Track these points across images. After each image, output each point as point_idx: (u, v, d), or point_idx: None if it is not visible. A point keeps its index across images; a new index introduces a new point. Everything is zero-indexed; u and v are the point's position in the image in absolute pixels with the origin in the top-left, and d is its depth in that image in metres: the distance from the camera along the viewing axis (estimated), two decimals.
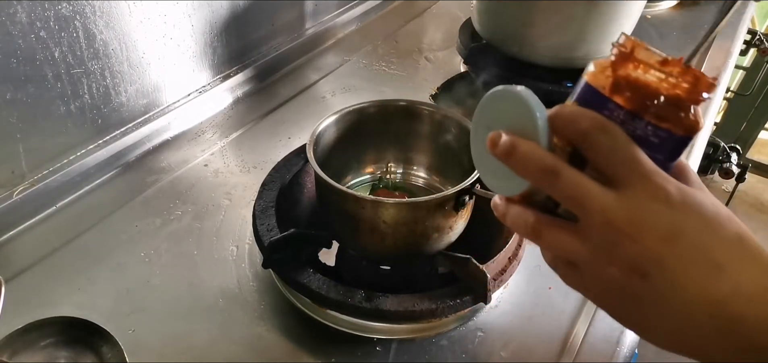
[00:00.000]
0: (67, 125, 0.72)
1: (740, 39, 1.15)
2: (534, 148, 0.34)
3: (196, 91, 0.89)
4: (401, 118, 0.68)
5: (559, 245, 0.35)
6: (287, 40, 1.03)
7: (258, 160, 0.82)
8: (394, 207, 0.55)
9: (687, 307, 0.32)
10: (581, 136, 0.33)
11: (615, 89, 0.33)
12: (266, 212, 0.64)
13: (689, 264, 0.31)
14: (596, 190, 0.32)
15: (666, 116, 0.33)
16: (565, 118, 0.34)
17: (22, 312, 0.56)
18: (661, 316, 0.33)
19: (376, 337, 0.58)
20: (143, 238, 0.68)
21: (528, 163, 0.34)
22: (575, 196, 0.33)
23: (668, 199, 0.32)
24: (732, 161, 1.74)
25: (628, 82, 0.33)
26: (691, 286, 0.32)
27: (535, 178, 0.34)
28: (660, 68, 0.33)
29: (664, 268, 0.32)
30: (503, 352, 0.57)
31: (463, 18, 1.08)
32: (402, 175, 0.71)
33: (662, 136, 0.33)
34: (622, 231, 0.32)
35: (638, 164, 0.32)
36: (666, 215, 0.32)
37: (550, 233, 0.35)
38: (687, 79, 0.33)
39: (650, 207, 0.32)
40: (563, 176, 0.33)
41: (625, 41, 0.34)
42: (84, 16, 0.69)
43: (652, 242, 0.31)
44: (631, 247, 0.32)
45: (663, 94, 0.32)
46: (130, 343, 0.54)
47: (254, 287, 0.63)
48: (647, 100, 0.32)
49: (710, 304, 0.31)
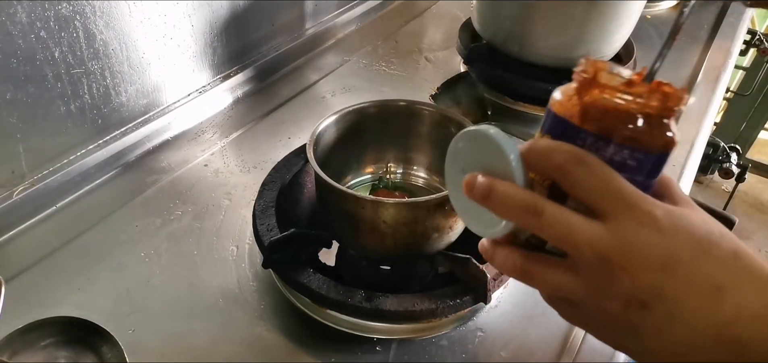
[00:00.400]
0: (67, 125, 0.72)
1: (740, 39, 1.15)
2: (511, 188, 0.33)
3: (196, 91, 0.89)
4: (401, 118, 0.68)
5: (551, 284, 0.34)
6: (287, 40, 1.03)
7: (258, 160, 0.82)
8: (394, 207, 0.55)
9: (690, 333, 0.31)
10: (557, 170, 0.32)
11: (584, 117, 0.32)
12: (266, 212, 0.64)
13: (688, 290, 0.31)
14: (582, 224, 0.31)
15: (640, 137, 0.32)
16: (538, 153, 0.33)
17: (22, 312, 0.56)
18: (664, 344, 0.32)
19: (376, 337, 0.58)
20: (143, 238, 0.68)
21: (507, 204, 0.33)
22: (561, 234, 0.32)
23: (657, 224, 0.31)
24: (732, 161, 1.74)
25: (597, 108, 0.32)
26: (693, 313, 0.31)
27: (516, 219, 0.33)
28: (626, 89, 0.32)
29: (663, 298, 0.31)
30: (503, 352, 0.57)
31: (463, 18, 1.08)
32: (402, 175, 0.71)
33: (639, 158, 0.32)
34: (614, 264, 0.31)
35: (620, 192, 0.31)
36: (657, 242, 0.31)
37: (541, 273, 0.34)
38: (656, 97, 0.32)
39: (640, 235, 0.31)
40: (546, 214, 0.32)
41: (586, 66, 0.33)
42: (84, 16, 0.69)
43: (647, 273, 0.31)
44: (626, 279, 0.31)
45: (634, 116, 0.31)
46: (130, 343, 0.54)
47: (254, 287, 0.63)
48: (618, 124, 0.32)
49: (714, 329, 0.30)
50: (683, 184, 0.78)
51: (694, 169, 0.82)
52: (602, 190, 0.31)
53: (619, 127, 0.31)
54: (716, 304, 0.30)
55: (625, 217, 0.31)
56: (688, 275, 0.31)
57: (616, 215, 0.31)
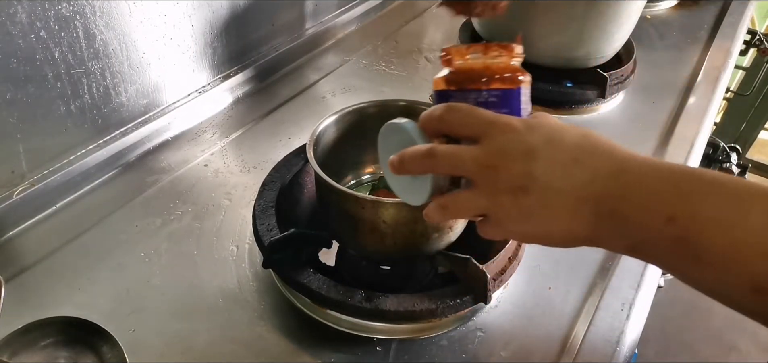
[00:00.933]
0: (67, 125, 0.72)
1: (740, 39, 1.15)
2: (414, 149, 0.43)
3: (196, 91, 0.89)
4: None
5: (463, 207, 0.43)
6: (287, 40, 1.03)
7: (258, 160, 0.82)
8: (394, 207, 0.55)
9: (564, 200, 0.39)
10: (439, 122, 0.43)
11: (450, 83, 0.45)
12: (266, 212, 0.64)
13: (551, 168, 0.39)
14: (465, 150, 0.41)
15: (489, 82, 0.44)
16: (425, 118, 0.43)
17: (22, 312, 0.56)
18: (553, 219, 0.40)
19: (376, 337, 0.58)
20: (143, 238, 0.68)
21: (412, 160, 0.43)
22: (452, 163, 0.41)
23: (514, 129, 0.40)
24: (732, 161, 1.74)
25: (456, 73, 0.45)
26: (560, 183, 0.39)
27: (420, 167, 0.43)
28: (472, 52, 0.44)
29: (535, 177, 0.39)
30: (503, 352, 0.57)
31: (463, 18, 1.08)
32: None
33: (497, 94, 0.43)
34: (492, 166, 0.40)
35: (484, 117, 0.41)
36: (518, 139, 0.40)
37: (454, 203, 0.43)
38: (495, 50, 0.44)
39: (505, 140, 0.40)
40: (438, 152, 0.42)
41: (445, 50, 0.45)
42: (84, 16, 0.69)
43: (515, 163, 0.39)
44: (504, 173, 0.40)
45: (481, 68, 0.44)
46: (130, 343, 0.54)
47: (254, 287, 0.63)
48: (473, 76, 0.44)
49: (577, 191, 0.39)
50: None
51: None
52: (471, 121, 0.41)
53: (473, 77, 0.44)
54: (576, 170, 0.39)
55: (492, 133, 0.40)
56: (548, 157, 0.39)
57: (485, 133, 0.40)
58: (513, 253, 0.60)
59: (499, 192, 0.40)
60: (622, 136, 0.89)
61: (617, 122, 0.92)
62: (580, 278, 0.65)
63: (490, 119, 0.41)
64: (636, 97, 0.97)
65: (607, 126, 0.91)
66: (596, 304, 0.60)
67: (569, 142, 0.40)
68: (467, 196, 0.42)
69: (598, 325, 0.58)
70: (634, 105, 0.96)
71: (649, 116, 0.93)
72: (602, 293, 0.61)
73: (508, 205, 0.40)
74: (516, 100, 0.44)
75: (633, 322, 0.59)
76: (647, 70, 1.00)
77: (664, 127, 0.90)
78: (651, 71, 1.02)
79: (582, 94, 0.91)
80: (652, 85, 1.00)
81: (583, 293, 0.63)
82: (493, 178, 0.40)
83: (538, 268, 0.65)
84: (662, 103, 0.96)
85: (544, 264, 0.66)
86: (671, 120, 0.92)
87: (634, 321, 0.59)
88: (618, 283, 0.62)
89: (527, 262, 0.64)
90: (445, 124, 0.42)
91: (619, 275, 0.63)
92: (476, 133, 0.41)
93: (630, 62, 0.96)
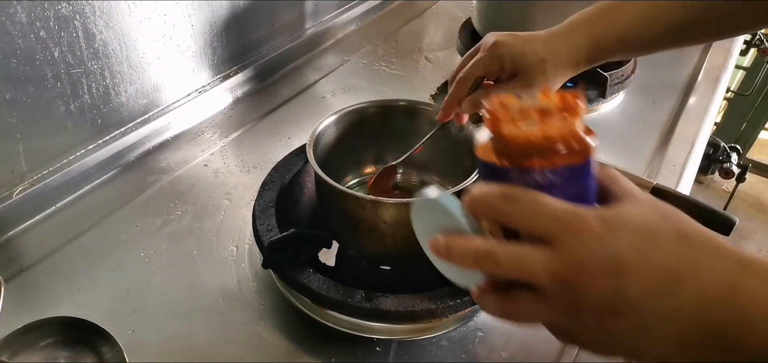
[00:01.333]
0: (67, 125, 0.72)
1: (740, 39, 1.15)
2: (465, 240, 0.35)
3: (196, 91, 0.89)
4: (401, 118, 0.68)
5: (531, 318, 0.36)
6: (287, 40, 1.03)
7: (258, 160, 0.82)
8: (394, 207, 0.55)
9: (666, 327, 0.32)
10: (494, 212, 0.34)
11: (500, 155, 0.34)
12: (266, 212, 0.64)
13: (646, 285, 0.31)
14: (532, 255, 0.33)
15: (552, 157, 0.33)
16: (475, 202, 0.35)
17: (22, 312, 0.56)
18: (651, 344, 0.33)
19: (376, 337, 0.58)
20: (143, 238, 0.68)
21: (466, 255, 0.35)
22: (517, 269, 0.33)
23: (593, 232, 0.32)
24: (732, 161, 1.74)
25: (506, 143, 0.33)
26: (660, 305, 0.31)
27: (476, 266, 0.35)
28: (525, 116, 0.33)
29: (626, 299, 0.31)
30: (503, 352, 0.57)
31: (463, 18, 1.08)
32: (402, 175, 0.71)
33: (562, 174, 0.33)
34: (571, 282, 0.32)
35: (553, 214, 0.32)
36: (599, 249, 0.32)
37: (519, 311, 0.35)
38: (553, 116, 0.33)
39: (582, 247, 0.32)
40: (499, 255, 0.33)
41: (488, 104, 0.34)
42: (84, 16, 0.69)
43: (600, 280, 0.32)
44: (586, 293, 0.32)
45: (539, 140, 0.33)
46: (130, 343, 0.54)
47: (254, 287, 0.63)
48: (529, 151, 0.33)
49: (683, 316, 0.31)
50: (683, 184, 0.78)
51: (694, 169, 0.82)
52: (536, 218, 0.33)
53: (531, 150, 0.33)
54: (679, 289, 0.31)
55: (565, 236, 0.32)
56: (640, 270, 0.31)
57: (556, 236, 0.32)
58: None
59: (580, 312, 0.33)
60: (622, 136, 0.89)
61: (617, 122, 0.92)
62: None
63: (560, 216, 0.32)
64: (636, 97, 0.97)
65: (607, 126, 0.91)
66: None
67: (664, 249, 0.32)
68: (538, 308, 0.34)
69: None
70: (634, 105, 0.96)
71: (649, 116, 0.93)
72: None
73: (593, 328, 0.33)
74: (586, 175, 0.34)
75: None
76: (647, 70, 1.00)
77: (664, 127, 0.90)
78: (651, 71, 1.02)
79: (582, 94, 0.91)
80: (652, 85, 1.00)
81: None
82: (572, 295, 0.32)
83: None
84: (662, 103, 0.96)
85: None
86: (671, 120, 0.92)
87: None
88: None
89: None
90: (502, 216, 0.34)
91: None
92: (544, 233, 0.33)
93: (630, 62, 0.96)
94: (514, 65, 0.59)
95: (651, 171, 0.80)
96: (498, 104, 0.34)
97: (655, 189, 0.73)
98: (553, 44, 0.59)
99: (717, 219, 0.68)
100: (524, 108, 0.34)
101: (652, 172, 0.80)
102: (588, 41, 0.59)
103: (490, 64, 0.60)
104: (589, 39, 0.59)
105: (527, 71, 0.59)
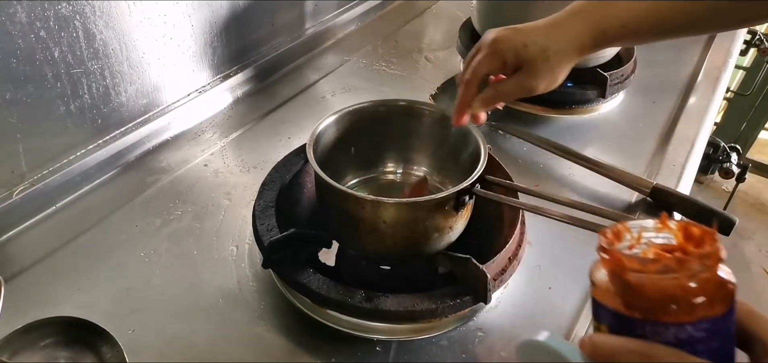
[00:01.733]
0: (67, 125, 0.72)
1: (740, 39, 1.15)
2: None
3: (196, 91, 0.89)
4: (401, 118, 0.68)
5: None
6: (287, 40, 1.03)
7: (258, 160, 0.82)
8: (394, 207, 0.55)
9: None
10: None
11: (629, 305, 0.30)
12: (266, 212, 0.64)
13: None
14: None
15: (692, 309, 0.29)
16: (605, 356, 0.31)
17: (22, 312, 0.56)
18: None
19: (376, 337, 0.58)
20: (143, 238, 0.68)
21: None
22: None
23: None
24: (732, 161, 1.74)
25: (635, 293, 0.29)
26: None
27: None
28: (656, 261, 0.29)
29: None
30: (503, 352, 0.57)
31: (463, 18, 1.08)
32: (402, 175, 0.71)
33: (704, 328, 0.29)
34: None
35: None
36: None
37: None
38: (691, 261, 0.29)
39: None
40: None
41: (603, 240, 0.31)
42: (84, 16, 0.69)
43: None
44: None
45: (676, 290, 0.28)
46: (130, 343, 0.54)
47: (254, 287, 0.63)
48: (664, 303, 0.29)
49: None
50: (683, 184, 0.78)
51: (694, 169, 0.82)
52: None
53: (668, 306, 0.29)
54: None
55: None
56: None
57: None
58: (513, 253, 0.60)
59: None
60: (622, 136, 0.89)
61: (617, 122, 0.92)
62: (580, 278, 0.65)
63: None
64: (636, 97, 0.97)
65: (607, 126, 0.91)
66: None
67: None
68: None
69: None
70: (634, 105, 0.96)
71: (649, 116, 0.93)
72: None
73: None
74: (729, 324, 0.30)
75: None
76: (647, 70, 1.00)
77: (664, 127, 0.90)
78: (651, 71, 1.02)
79: (582, 94, 0.91)
80: (652, 85, 1.00)
81: (583, 293, 0.63)
82: None
83: (538, 268, 0.65)
84: (662, 103, 0.96)
85: (544, 264, 0.66)
86: (671, 120, 0.92)
87: None
88: None
89: (527, 262, 0.64)
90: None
91: None
92: None
93: (630, 62, 0.96)
94: (516, 58, 0.58)
95: (651, 171, 0.80)
96: (612, 237, 0.31)
97: (655, 189, 0.73)
98: (555, 32, 0.58)
99: (716, 219, 0.68)
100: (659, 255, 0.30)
101: (652, 172, 0.80)
102: (591, 28, 0.57)
103: (492, 61, 0.60)
104: (593, 22, 0.57)
105: (530, 62, 0.58)
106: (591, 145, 0.86)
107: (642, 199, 0.75)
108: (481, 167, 0.57)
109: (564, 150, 0.81)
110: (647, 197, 0.74)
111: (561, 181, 0.79)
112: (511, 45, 0.59)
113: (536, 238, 0.67)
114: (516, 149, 0.85)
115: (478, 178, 0.56)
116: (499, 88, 0.60)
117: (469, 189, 0.56)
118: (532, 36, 0.59)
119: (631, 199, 0.76)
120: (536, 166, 0.82)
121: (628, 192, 0.76)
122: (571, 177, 0.80)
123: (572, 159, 0.80)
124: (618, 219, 0.53)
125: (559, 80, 0.60)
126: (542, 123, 0.90)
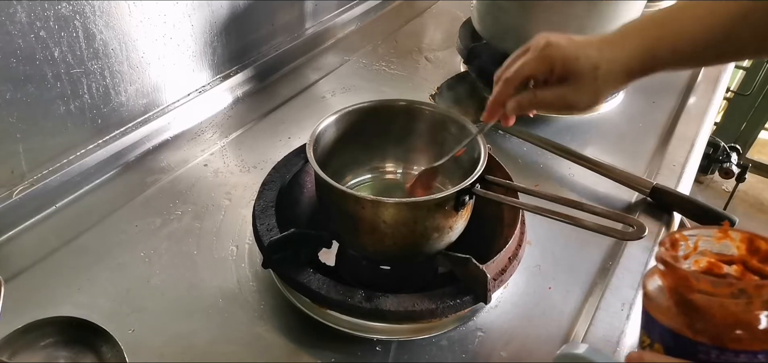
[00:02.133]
0: (66, 125, 0.72)
1: None
2: None
3: (196, 91, 0.89)
4: (401, 118, 0.68)
5: None
6: (287, 40, 1.03)
7: (258, 160, 0.82)
8: (394, 207, 0.55)
9: None
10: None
11: (694, 329, 0.28)
12: (266, 212, 0.64)
13: None
14: None
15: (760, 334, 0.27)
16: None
17: (22, 312, 0.56)
18: None
19: (376, 337, 0.58)
20: (143, 238, 0.68)
21: None
22: None
23: None
24: (732, 161, 1.73)
25: (702, 315, 0.28)
26: None
27: None
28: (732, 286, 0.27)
29: None
30: (503, 352, 0.57)
31: (463, 18, 1.08)
32: (402, 175, 0.71)
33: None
34: None
35: None
36: None
37: None
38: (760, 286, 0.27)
39: None
40: None
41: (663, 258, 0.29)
42: (84, 16, 0.69)
43: None
44: None
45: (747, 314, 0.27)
46: (130, 343, 0.54)
47: (254, 287, 0.63)
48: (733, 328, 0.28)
49: None
50: (683, 184, 0.78)
51: (694, 169, 0.82)
52: None
53: (737, 330, 0.27)
54: None
55: None
56: None
57: None
58: (513, 253, 0.60)
59: None
60: (622, 136, 0.89)
61: (617, 122, 0.92)
62: (580, 278, 0.65)
63: None
64: (636, 97, 0.97)
65: (607, 126, 0.91)
66: (596, 304, 0.60)
67: None
68: None
69: (598, 325, 0.58)
70: (634, 105, 0.96)
71: (649, 116, 0.93)
72: (602, 293, 0.61)
73: None
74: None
75: (633, 322, 0.59)
76: None
77: (664, 127, 0.90)
78: None
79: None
80: (652, 85, 0.99)
81: (583, 293, 0.63)
82: None
83: (538, 268, 0.65)
84: (662, 103, 0.96)
85: (544, 264, 0.66)
86: (671, 120, 0.92)
87: (634, 321, 0.59)
88: (618, 283, 0.62)
89: (527, 262, 0.64)
90: None
91: (619, 275, 0.63)
92: None
93: None
94: (565, 69, 0.55)
95: (651, 171, 0.80)
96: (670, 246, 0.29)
97: (655, 189, 0.73)
98: (607, 51, 0.55)
99: (716, 219, 0.68)
100: (698, 249, 0.28)
101: (652, 172, 0.80)
102: (642, 50, 0.55)
103: (539, 66, 0.56)
104: (643, 47, 0.55)
105: (579, 76, 0.55)
106: (591, 145, 0.86)
107: (642, 199, 0.75)
108: (481, 167, 0.57)
109: (564, 150, 0.81)
110: (647, 197, 0.74)
111: (561, 181, 0.79)
112: (564, 53, 0.55)
113: (536, 238, 0.67)
114: (516, 149, 0.85)
115: (478, 178, 0.56)
116: (540, 96, 0.57)
117: (469, 189, 0.56)
118: (585, 49, 0.55)
119: (631, 199, 0.76)
120: (536, 166, 0.82)
121: (628, 192, 0.76)
122: (571, 177, 0.80)
123: (572, 159, 0.80)
124: (618, 219, 0.53)
125: (600, 102, 0.57)
126: (542, 123, 0.90)
